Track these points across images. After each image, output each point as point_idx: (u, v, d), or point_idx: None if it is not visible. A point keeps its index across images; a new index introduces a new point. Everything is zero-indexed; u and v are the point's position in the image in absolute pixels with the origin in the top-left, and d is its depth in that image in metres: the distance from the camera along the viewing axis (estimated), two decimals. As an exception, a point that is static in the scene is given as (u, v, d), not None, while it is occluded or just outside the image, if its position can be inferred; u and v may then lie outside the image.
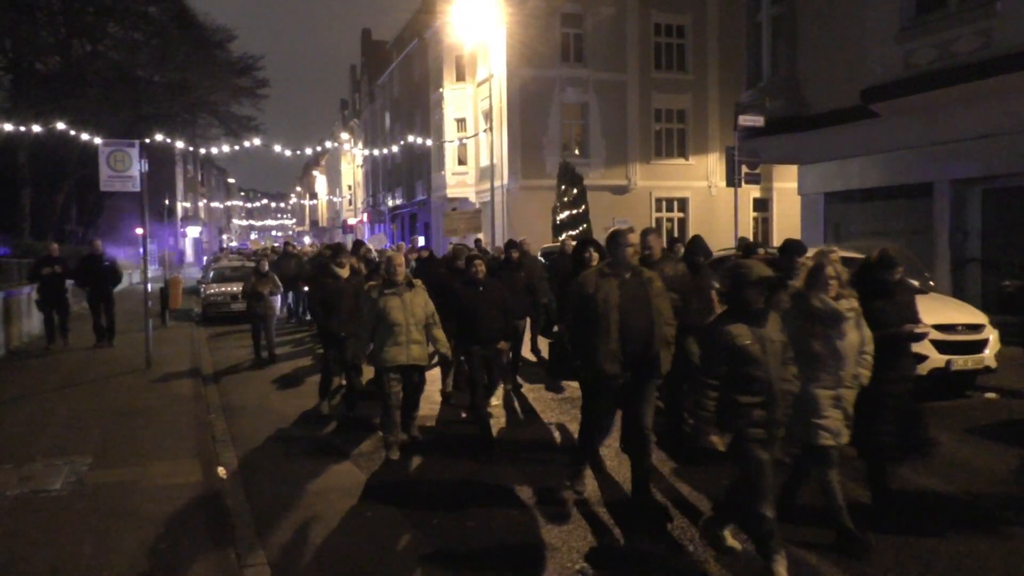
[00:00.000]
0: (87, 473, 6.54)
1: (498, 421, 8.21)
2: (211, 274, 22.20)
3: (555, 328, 8.48)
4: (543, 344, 12.35)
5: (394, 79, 45.24)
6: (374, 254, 14.04)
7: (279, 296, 13.72)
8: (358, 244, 14.43)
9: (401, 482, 6.40)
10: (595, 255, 6.79)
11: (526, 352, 11.56)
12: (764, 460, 4.27)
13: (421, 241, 32.71)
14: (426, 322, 7.04)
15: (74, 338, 14.42)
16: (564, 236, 22.40)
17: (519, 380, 9.96)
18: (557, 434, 7.83)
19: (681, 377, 6.57)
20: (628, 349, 5.30)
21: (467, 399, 7.90)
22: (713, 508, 4.95)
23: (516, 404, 9.12)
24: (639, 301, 5.37)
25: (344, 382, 9.06)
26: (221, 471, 6.59)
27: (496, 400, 8.79)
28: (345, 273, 8.81)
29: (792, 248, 7.17)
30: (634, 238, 5.51)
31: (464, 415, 8.41)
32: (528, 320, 10.94)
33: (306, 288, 17.90)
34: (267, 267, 13.24)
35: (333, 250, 9.67)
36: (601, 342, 5.28)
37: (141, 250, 13.21)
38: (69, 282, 14.43)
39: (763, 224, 29.95)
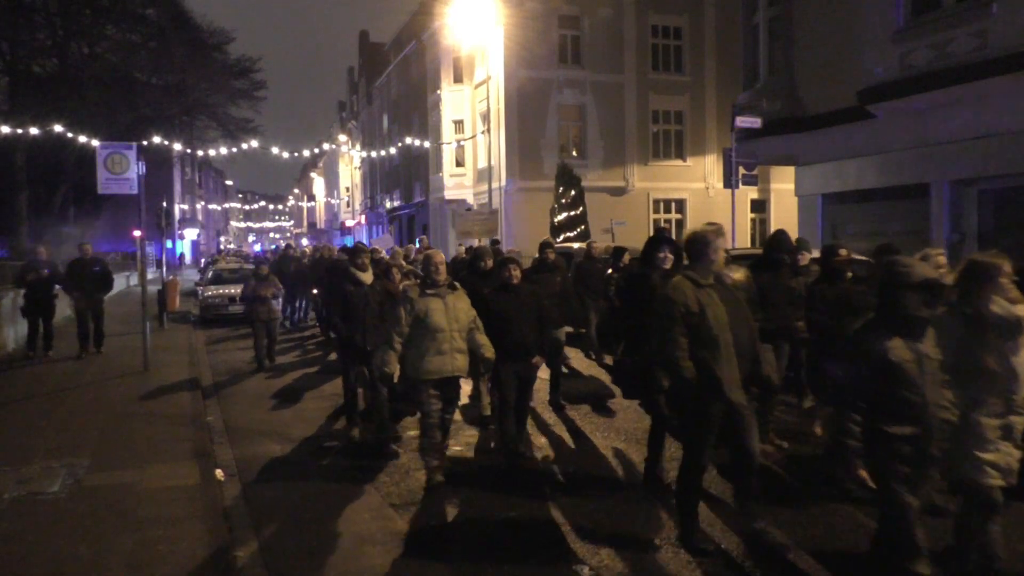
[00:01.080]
0: (84, 476, 6.54)
1: (543, 448, 7.27)
2: (208, 276, 22.18)
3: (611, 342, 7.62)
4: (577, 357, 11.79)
5: (392, 81, 45.27)
6: (382, 254, 13.53)
7: (281, 299, 13.21)
8: (357, 247, 14.16)
9: (434, 525, 5.46)
10: (670, 257, 5.80)
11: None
12: (912, 506, 3.62)
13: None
14: (469, 328, 6.18)
15: (59, 346, 13.59)
16: (562, 236, 22.41)
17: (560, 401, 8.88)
18: (616, 463, 6.77)
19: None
20: (742, 372, 4.57)
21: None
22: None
23: (563, 428, 8.01)
24: (742, 315, 4.66)
25: (366, 402, 8.21)
26: (219, 474, 6.59)
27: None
28: (368, 278, 7.85)
29: (889, 249, 6.57)
30: (723, 241, 4.71)
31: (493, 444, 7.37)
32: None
33: (315, 291, 16.90)
34: (267, 270, 12.77)
35: (351, 252, 8.32)
36: (722, 368, 4.45)
37: (139, 252, 13.20)
38: (58, 287, 13.56)
39: (760, 225, 29.97)
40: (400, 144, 35.38)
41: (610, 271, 10.72)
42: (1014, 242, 12.33)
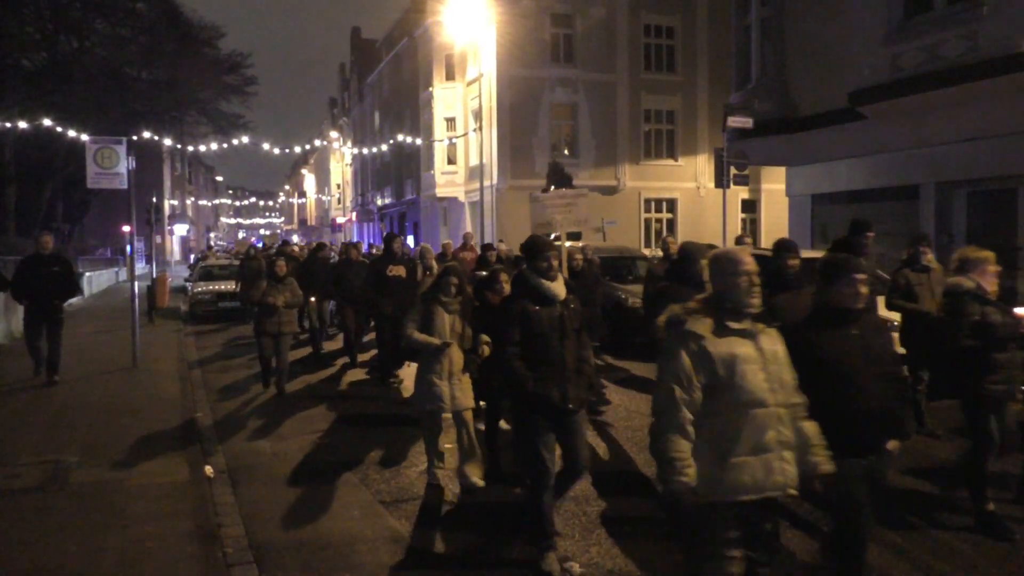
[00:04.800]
0: (73, 472, 6.50)
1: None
2: (198, 272, 22.14)
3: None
4: None
5: (384, 78, 45.16)
6: (430, 262, 10.77)
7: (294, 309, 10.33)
8: (389, 238, 10.72)
9: None
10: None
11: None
12: None
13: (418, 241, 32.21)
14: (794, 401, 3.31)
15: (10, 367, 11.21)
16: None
17: None
18: None
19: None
20: None
21: None
22: None
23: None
24: None
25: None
26: (208, 470, 6.56)
27: None
28: (561, 290, 4.75)
29: None
30: None
31: None
32: None
33: (312, 299, 13.01)
34: (285, 269, 10.01)
35: (531, 248, 4.84)
36: None
37: (128, 248, 12.92)
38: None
39: (751, 225, 30.08)
40: (391, 141, 35.31)
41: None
42: (1001, 243, 12.41)
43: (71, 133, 23.28)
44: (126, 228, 13.36)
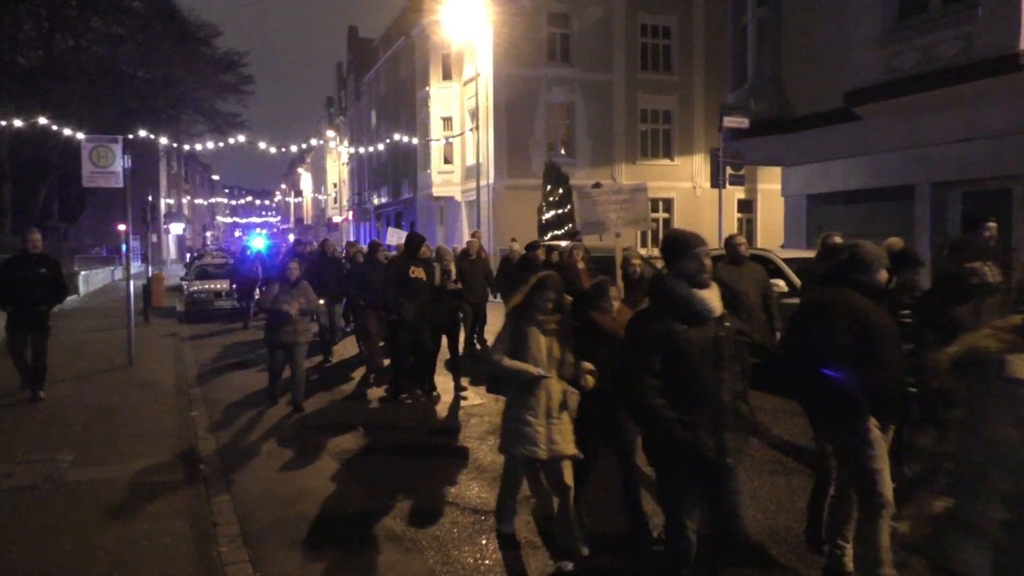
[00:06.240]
0: (68, 471, 6.49)
1: None
2: (194, 271, 22.14)
3: None
4: None
5: (380, 77, 45.14)
6: (448, 264, 9.75)
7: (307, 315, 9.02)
8: (417, 239, 9.59)
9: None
10: None
11: None
12: None
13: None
14: None
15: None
16: (549, 234, 22.39)
17: None
18: None
19: None
20: None
21: None
22: None
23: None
24: None
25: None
26: (203, 468, 6.57)
27: None
28: (716, 302, 3.69)
29: None
30: None
31: None
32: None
33: (322, 300, 11.50)
34: (298, 272, 8.93)
35: (675, 247, 3.72)
36: None
37: (124, 247, 12.83)
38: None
39: (747, 225, 30.14)
40: (388, 140, 35.30)
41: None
42: (997, 245, 12.43)
43: (67, 131, 23.21)
44: (122, 227, 13.30)
